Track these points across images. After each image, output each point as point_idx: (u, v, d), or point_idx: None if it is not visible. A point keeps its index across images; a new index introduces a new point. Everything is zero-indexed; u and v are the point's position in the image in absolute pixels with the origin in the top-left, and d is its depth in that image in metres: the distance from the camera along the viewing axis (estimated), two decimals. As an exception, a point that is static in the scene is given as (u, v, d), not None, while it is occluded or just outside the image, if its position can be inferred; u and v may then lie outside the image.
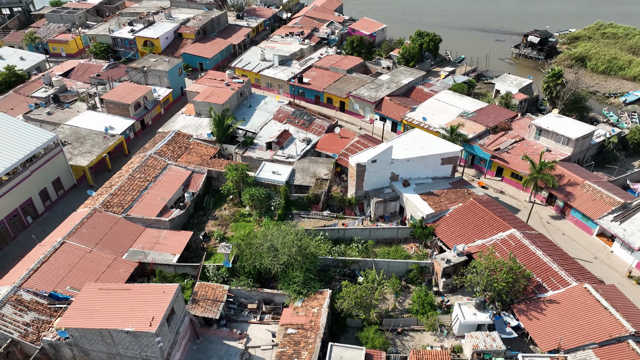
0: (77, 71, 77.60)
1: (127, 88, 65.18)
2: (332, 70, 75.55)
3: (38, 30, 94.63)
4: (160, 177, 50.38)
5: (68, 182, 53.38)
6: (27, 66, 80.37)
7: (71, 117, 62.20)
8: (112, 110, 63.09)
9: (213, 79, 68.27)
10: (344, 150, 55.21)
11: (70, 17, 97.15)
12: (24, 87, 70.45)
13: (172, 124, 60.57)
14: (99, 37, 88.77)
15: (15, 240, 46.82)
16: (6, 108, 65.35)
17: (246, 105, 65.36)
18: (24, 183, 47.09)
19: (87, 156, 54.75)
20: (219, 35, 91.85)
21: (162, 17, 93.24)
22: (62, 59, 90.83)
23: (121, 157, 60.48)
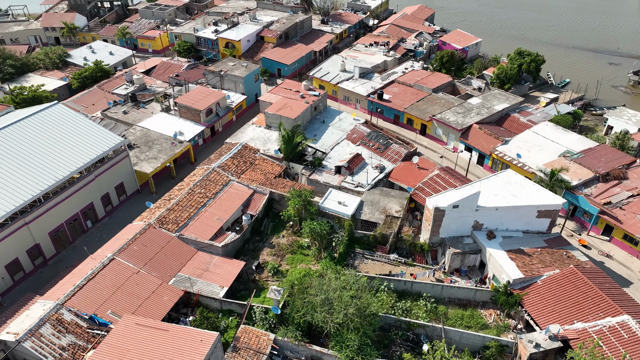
0: (158, 69, 78.06)
1: (201, 93, 63.65)
2: (416, 88, 69.19)
3: (130, 26, 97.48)
4: (220, 194, 47.58)
5: (131, 188, 52.41)
6: (115, 61, 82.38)
7: (144, 118, 61.74)
8: (184, 115, 61.81)
9: (288, 89, 64.85)
10: (420, 184, 49.09)
11: (160, 13, 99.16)
12: (107, 82, 71.71)
13: (240, 135, 57.89)
14: (184, 35, 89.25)
15: (74, 244, 46.28)
16: (88, 103, 66.68)
17: (319, 120, 61.17)
18: (88, 187, 46.37)
19: (153, 162, 53.48)
20: (300, 40, 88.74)
21: (246, 18, 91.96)
22: (148, 56, 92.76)
23: (187, 164, 58.91)
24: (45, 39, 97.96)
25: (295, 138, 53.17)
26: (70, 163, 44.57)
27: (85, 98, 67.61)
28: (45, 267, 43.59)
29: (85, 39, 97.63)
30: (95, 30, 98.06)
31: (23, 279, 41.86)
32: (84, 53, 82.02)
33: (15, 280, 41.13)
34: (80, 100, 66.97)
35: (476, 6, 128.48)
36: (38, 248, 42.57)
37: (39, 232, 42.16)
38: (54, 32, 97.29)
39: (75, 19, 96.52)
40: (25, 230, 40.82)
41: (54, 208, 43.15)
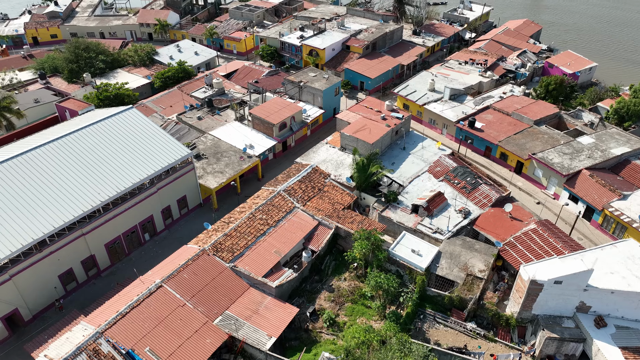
0: (239, 74, 76.40)
1: (276, 104, 60.39)
2: (515, 118, 60.77)
3: (219, 25, 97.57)
4: (282, 222, 43.65)
5: (193, 201, 50.25)
6: (199, 62, 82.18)
7: (217, 126, 59.72)
8: (257, 127, 58.90)
9: (369, 108, 59.60)
10: (512, 239, 41.69)
11: (249, 15, 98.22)
12: (188, 84, 71.09)
13: (312, 155, 53.68)
14: (269, 39, 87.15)
15: (129, 256, 44.80)
16: (166, 104, 66.22)
17: (400, 146, 55.30)
18: (150, 199, 44.62)
19: (218, 177, 50.92)
20: (388, 52, 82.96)
21: (334, 25, 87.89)
22: (232, 57, 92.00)
23: (253, 180, 55.93)
24: (140, 34, 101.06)
25: (370, 167, 47.90)
26: (135, 173, 42.94)
27: (164, 99, 67.27)
28: (98, 278, 42.40)
29: (175, 36, 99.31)
30: (186, 28, 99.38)
31: (75, 289, 40.86)
32: (171, 51, 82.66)
33: (67, 290, 40.19)
34: (159, 100, 66.73)
35: (593, 23, 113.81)
36: (93, 259, 41.36)
37: (95, 243, 40.91)
38: (148, 28, 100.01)
39: (168, 16, 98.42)
40: (81, 241, 39.65)
41: (113, 220, 41.72)
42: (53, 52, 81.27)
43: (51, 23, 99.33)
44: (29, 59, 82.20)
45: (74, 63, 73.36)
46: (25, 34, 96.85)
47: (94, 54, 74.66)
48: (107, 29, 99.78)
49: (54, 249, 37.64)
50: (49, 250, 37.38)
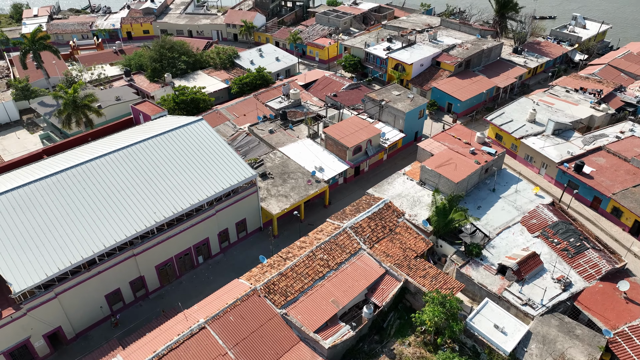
0: (318, 84, 72.50)
1: (353, 125, 55.46)
2: (634, 165, 50.86)
3: (304, 30, 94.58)
4: (345, 265, 38.79)
5: (253, 225, 46.89)
6: (279, 68, 79.48)
7: (288, 142, 56.09)
8: (330, 147, 54.42)
9: (457, 139, 52.84)
10: (626, 328, 33.45)
11: (336, 21, 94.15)
12: (265, 92, 68.43)
13: (386, 187, 48.15)
14: (354, 49, 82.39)
15: (180, 279, 42.29)
16: (240, 112, 63.90)
17: (489, 186, 48.10)
18: (207, 222, 41.79)
19: (282, 202, 47.09)
20: (483, 71, 74.78)
21: (425, 37, 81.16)
22: (313, 65, 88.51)
23: (319, 206, 51.57)
24: (226, 34, 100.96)
25: (452, 213, 41.49)
26: (195, 193, 40.21)
27: (239, 106, 65.03)
28: (145, 300, 40.26)
29: (259, 38, 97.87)
30: (271, 31, 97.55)
31: (122, 309, 38.94)
32: (252, 56, 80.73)
33: (113, 310, 38.32)
34: (233, 108, 64.60)
35: None
36: (142, 280, 39.22)
37: (145, 265, 38.70)
38: (234, 29, 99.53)
39: (255, 18, 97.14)
40: (132, 262, 37.55)
41: (167, 241, 39.27)
42: (141, 48, 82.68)
43: (145, 19, 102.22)
44: (119, 55, 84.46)
45: (157, 62, 73.68)
46: (120, 29, 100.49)
47: (177, 54, 74.50)
48: (195, 27, 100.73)
49: (102, 268, 35.78)
50: (98, 269, 35.57)
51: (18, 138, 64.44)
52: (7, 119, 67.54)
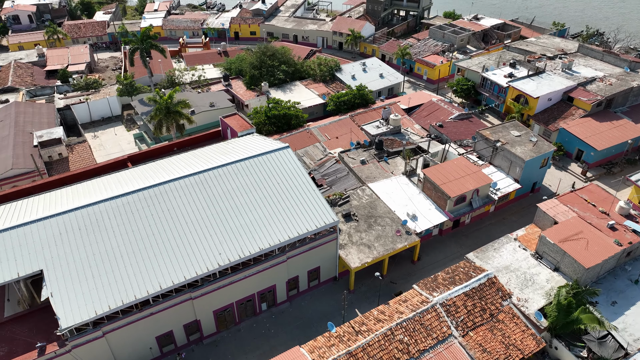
0: (423, 109, 64.82)
1: (459, 168, 47.33)
2: None
3: (414, 45, 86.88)
4: (428, 354, 31.63)
5: (327, 274, 41.26)
6: (381, 86, 72.84)
7: (380, 178, 49.60)
8: (428, 191, 46.94)
9: (590, 204, 42.45)
10: None
11: (451, 37, 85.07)
12: (363, 113, 62.38)
13: (490, 254, 39.71)
14: (469, 71, 73.10)
15: (238, 326, 37.99)
16: (333, 134, 58.62)
17: (630, 275, 37.57)
18: (276, 268, 36.92)
19: (364, 252, 40.78)
20: (629, 113, 61.67)
21: (557, 66, 69.34)
22: (420, 84, 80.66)
23: (406, 261, 44.46)
24: (331, 42, 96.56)
25: (578, 311, 32.20)
26: (268, 235, 35.50)
27: (333, 127, 59.76)
28: (198, 344, 36.51)
29: (365, 50, 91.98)
30: (379, 42, 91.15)
31: (172, 352, 35.50)
32: (355, 70, 75.04)
33: (163, 352, 35.02)
34: (326, 128, 59.45)
35: None
36: (197, 324, 35.48)
37: (203, 309, 34.85)
38: (340, 37, 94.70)
39: (363, 27, 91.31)
40: (188, 305, 33.86)
41: (229, 286, 35.02)
42: (244, 52, 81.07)
43: (253, 20, 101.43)
44: (223, 56, 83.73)
45: (256, 69, 71.06)
46: (229, 29, 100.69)
47: (277, 63, 71.21)
48: (301, 32, 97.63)
49: (156, 310, 32.41)
50: (151, 311, 32.25)
51: (115, 134, 65.46)
52: (109, 113, 69.17)
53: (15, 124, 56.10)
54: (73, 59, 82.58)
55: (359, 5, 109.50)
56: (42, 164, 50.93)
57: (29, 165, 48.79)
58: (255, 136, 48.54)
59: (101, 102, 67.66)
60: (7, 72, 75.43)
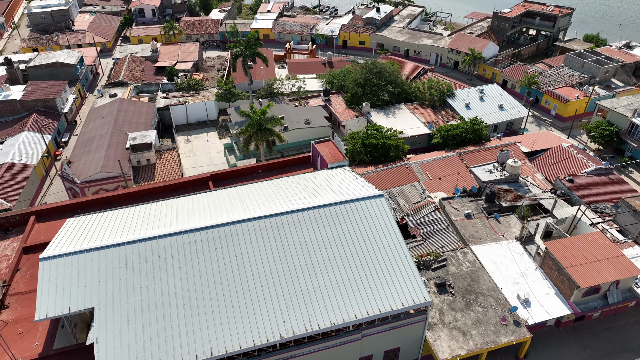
0: (549, 156, 54.39)
1: (595, 248, 37.25)
2: None
3: (545, 72, 75.05)
4: None
5: (408, 356, 34.20)
6: (499, 119, 63.20)
7: (487, 240, 41.16)
8: (548, 270, 37.61)
9: None
10: None
11: (593, 67, 71.98)
12: (474, 152, 53.79)
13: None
14: (613, 113, 60.52)
15: (295, 401, 32.51)
16: (436, 174, 51.16)
17: None
18: (348, 346, 30.89)
19: (456, 340, 33.10)
20: None
21: None
22: (546, 119, 69.23)
23: (509, 355, 35.77)
24: (446, 60, 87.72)
25: None
26: (343, 308, 29.56)
27: (436, 165, 52.12)
28: (247, 415, 31.67)
29: (484, 72, 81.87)
30: (501, 65, 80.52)
31: (217, 419, 31.10)
32: (470, 97, 66.05)
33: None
34: (429, 165, 51.98)
35: None
36: (248, 395, 30.56)
37: (256, 380, 29.85)
38: (457, 56, 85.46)
39: (485, 47, 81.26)
40: (239, 375, 29.04)
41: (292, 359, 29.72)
42: (349, 64, 75.85)
43: (364, 29, 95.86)
44: (326, 67, 79.30)
45: (360, 87, 65.31)
46: (338, 36, 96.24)
47: (384, 82, 64.76)
48: (414, 46, 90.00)
49: (202, 377, 28.06)
50: (196, 378, 27.96)
51: (207, 141, 63.90)
52: (205, 117, 68.05)
53: (114, 123, 56.46)
54: (182, 56, 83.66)
55: (482, 20, 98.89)
56: (129, 168, 50.17)
57: (117, 170, 48.06)
58: (346, 171, 42.75)
59: (199, 105, 66.66)
60: (121, 66, 78.15)
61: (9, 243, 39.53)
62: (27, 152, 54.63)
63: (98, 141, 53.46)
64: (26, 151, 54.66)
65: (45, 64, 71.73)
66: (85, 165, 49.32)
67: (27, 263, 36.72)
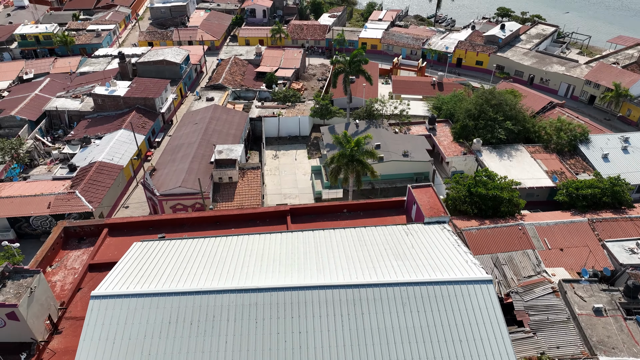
0: None
1: None
2: None
3: None
4: None
5: None
6: (647, 178, 50.99)
7: (623, 355, 31.51)
8: None
9: None
10: None
11: None
12: (612, 222, 43.23)
13: None
14: None
15: None
16: (556, 243, 41.87)
17: None
18: None
19: None
20: None
21: None
22: None
23: None
24: (579, 93, 74.94)
25: None
26: None
27: (559, 231, 42.61)
28: None
29: (629, 112, 68.15)
30: (651, 107, 66.42)
31: None
32: (610, 146, 54.16)
33: None
34: (549, 230, 42.63)
35: None
36: None
37: None
38: (594, 90, 72.40)
39: (635, 83, 67.53)
40: None
41: None
42: (463, 89, 67.29)
43: (483, 48, 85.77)
44: (436, 89, 71.33)
45: (472, 119, 56.76)
46: (452, 53, 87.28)
47: (502, 117, 55.57)
48: (541, 73, 78.32)
49: None
50: None
51: (295, 159, 59.80)
52: (297, 132, 64.13)
53: (204, 132, 54.48)
54: (285, 62, 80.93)
55: (631, 48, 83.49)
56: (210, 185, 47.46)
57: (197, 187, 45.47)
58: (445, 231, 35.50)
59: (292, 119, 62.86)
60: (224, 68, 77.28)
61: (79, 254, 38.36)
62: (119, 151, 54.65)
63: (185, 150, 51.66)
64: (118, 151, 54.70)
65: (153, 61, 72.85)
66: (167, 177, 47.53)
67: (90, 283, 34.95)
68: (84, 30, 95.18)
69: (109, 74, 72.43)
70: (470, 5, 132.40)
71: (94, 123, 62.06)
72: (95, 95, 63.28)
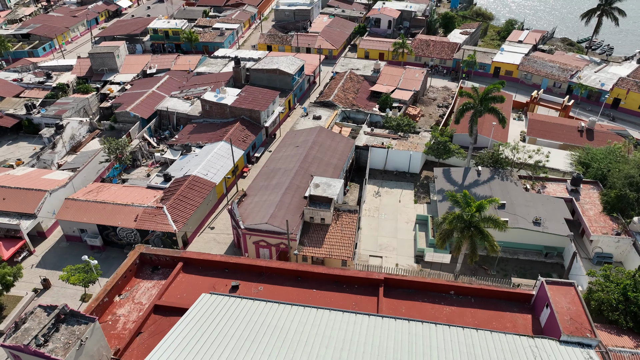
0: None
1: None
2: None
3: None
4: None
5: None
6: None
7: None
8: None
9: None
10: None
11: None
12: None
13: None
14: None
15: None
16: None
17: None
18: None
19: None
20: None
21: None
22: None
23: None
24: None
25: None
26: None
27: None
28: None
29: None
30: None
31: None
32: None
33: None
34: None
35: None
36: None
37: None
38: None
39: None
40: None
41: None
42: (622, 143, 54.25)
43: (652, 90, 69.72)
44: (584, 137, 58.50)
45: (634, 188, 44.28)
46: (609, 92, 72.29)
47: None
48: None
49: None
50: None
51: (399, 201, 52.12)
52: (405, 169, 56.40)
53: (304, 159, 49.50)
54: (404, 82, 73.35)
55: None
56: (300, 223, 42.20)
57: (284, 227, 40.43)
58: None
59: (403, 153, 55.30)
60: (337, 83, 72.02)
61: (150, 286, 35.46)
62: (215, 166, 51.97)
63: (280, 178, 47.11)
64: (214, 165, 52.04)
65: (266, 69, 70.08)
66: (255, 208, 43.26)
67: (152, 327, 31.63)
68: (209, 28, 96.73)
69: (223, 78, 71.21)
70: (636, 31, 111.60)
71: (199, 129, 60.64)
72: (204, 101, 61.85)
